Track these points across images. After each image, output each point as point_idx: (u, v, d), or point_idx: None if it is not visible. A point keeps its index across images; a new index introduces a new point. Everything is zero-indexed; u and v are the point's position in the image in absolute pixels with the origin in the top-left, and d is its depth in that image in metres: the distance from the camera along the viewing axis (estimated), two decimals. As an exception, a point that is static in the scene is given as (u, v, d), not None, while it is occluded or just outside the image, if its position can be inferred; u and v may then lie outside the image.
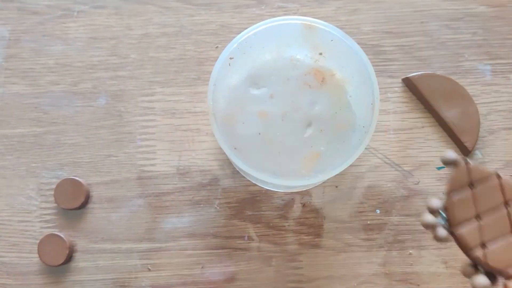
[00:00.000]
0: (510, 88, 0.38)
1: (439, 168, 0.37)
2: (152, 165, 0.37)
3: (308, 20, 0.31)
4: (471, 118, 0.37)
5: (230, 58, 0.31)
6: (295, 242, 0.36)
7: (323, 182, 0.37)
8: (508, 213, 0.25)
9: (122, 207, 0.37)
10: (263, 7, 0.40)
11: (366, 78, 0.31)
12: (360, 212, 0.36)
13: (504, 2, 0.39)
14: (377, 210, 0.36)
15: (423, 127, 0.38)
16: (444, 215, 0.25)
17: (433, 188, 0.37)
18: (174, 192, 0.37)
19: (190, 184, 0.37)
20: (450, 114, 0.37)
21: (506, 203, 0.25)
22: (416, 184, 0.37)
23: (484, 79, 0.38)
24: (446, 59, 0.39)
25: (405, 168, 0.37)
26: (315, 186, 0.37)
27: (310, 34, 0.31)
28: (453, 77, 0.38)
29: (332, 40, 0.31)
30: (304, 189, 0.37)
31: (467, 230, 0.25)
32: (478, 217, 0.25)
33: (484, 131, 0.37)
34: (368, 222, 0.36)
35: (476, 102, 0.37)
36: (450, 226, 0.25)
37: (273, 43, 0.31)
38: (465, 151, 0.37)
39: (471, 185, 0.25)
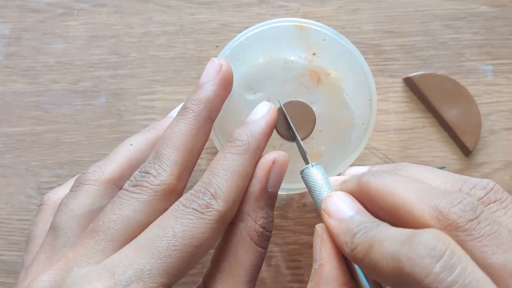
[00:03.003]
0: (511, 88, 0.38)
1: (439, 168, 0.37)
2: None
3: (299, 21, 0.31)
4: (472, 118, 0.37)
5: None
6: (295, 242, 0.36)
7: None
8: None
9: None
10: (264, 6, 0.39)
11: (361, 74, 0.31)
12: (361, 212, 0.36)
13: (506, 2, 0.39)
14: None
15: (424, 127, 0.38)
16: None
17: (434, 188, 0.37)
18: (174, 191, 0.37)
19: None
20: (451, 114, 0.37)
21: None
22: (416, 184, 0.37)
23: (485, 79, 0.38)
24: (447, 59, 0.38)
25: (405, 168, 0.37)
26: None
27: (302, 35, 0.31)
28: (454, 77, 0.38)
29: (324, 40, 0.31)
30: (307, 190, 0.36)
31: None
32: None
33: (485, 131, 0.37)
34: (369, 222, 0.36)
35: (477, 102, 0.37)
36: None
37: (265, 47, 0.31)
38: (466, 151, 0.37)
39: None
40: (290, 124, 0.29)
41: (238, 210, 0.25)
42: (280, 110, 0.29)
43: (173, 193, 0.25)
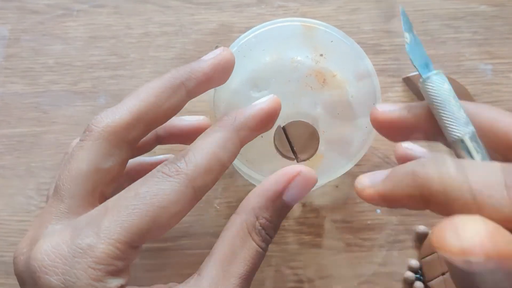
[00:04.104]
0: (511, 87, 0.38)
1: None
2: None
3: (308, 21, 0.31)
4: (472, 118, 0.37)
5: None
6: (295, 242, 0.36)
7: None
8: None
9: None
10: (263, 6, 0.39)
11: (367, 78, 0.31)
12: (361, 211, 0.36)
13: (505, 1, 0.39)
14: (377, 210, 0.36)
15: (423, 126, 0.38)
16: (420, 272, 0.35)
17: (434, 187, 0.37)
18: (174, 192, 0.37)
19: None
20: (450, 113, 0.37)
21: None
22: (416, 183, 0.37)
23: (485, 78, 0.38)
24: (446, 58, 0.38)
25: (405, 168, 0.37)
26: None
27: (310, 36, 0.31)
28: (454, 77, 0.38)
29: (332, 41, 0.31)
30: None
31: (436, 283, 0.34)
32: (443, 273, 0.34)
33: (485, 130, 0.37)
34: (369, 222, 0.36)
35: (477, 101, 0.37)
36: (425, 280, 0.35)
37: (273, 45, 0.31)
38: (466, 151, 0.37)
39: None
40: (291, 145, 0.28)
41: (246, 202, 0.25)
42: (281, 131, 0.29)
43: (116, 137, 0.24)
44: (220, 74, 0.26)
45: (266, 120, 0.26)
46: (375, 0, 0.39)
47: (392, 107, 0.23)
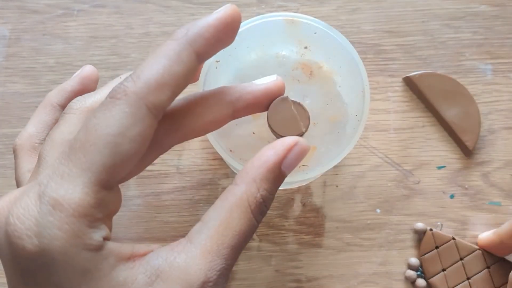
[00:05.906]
0: (511, 87, 0.38)
1: (439, 168, 0.37)
2: (151, 164, 0.37)
3: (290, 15, 0.31)
4: (472, 118, 0.37)
5: (216, 61, 0.31)
6: (295, 241, 0.36)
7: (323, 182, 0.37)
8: (463, 264, 0.35)
9: (122, 206, 0.37)
10: (263, 6, 0.40)
11: (353, 66, 0.31)
12: (360, 211, 0.36)
13: (505, 1, 0.39)
14: (377, 210, 0.36)
15: (423, 126, 0.38)
16: (421, 269, 0.35)
17: (434, 187, 0.37)
18: (174, 192, 0.37)
19: (190, 184, 0.37)
20: (450, 113, 0.37)
21: (460, 258, 0.35)
22: (416, 183, 0.37)
23: (485, 78, 0.38)
24: (446, 58, 0.38)
25: (405, 168, 0.37)
26: (314, 183, 0.37)
27: (293, 29, 0.31)
28: (454, 76, 0.38)
29: (315, 33, 0.31)
30: (304, 183, 0.36)
31: (437, 279, 0.35)
32: (444, 269, 0.35)
33: (484, 130, 0.37)
34: (368, 222, 0.36)
35: (477, 101, 0.37)
36: (425, 277, 0.35)
37: (257, 42, 0.31)
38: (466, 151, 0.37)
39: (436, 247, 0.35)
40: (278, 135, 0.27)
41: (245, 173, 0.24)
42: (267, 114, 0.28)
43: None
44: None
45: (224, 29, 0.23)
46: (375, 0, 0.39)
47: None
